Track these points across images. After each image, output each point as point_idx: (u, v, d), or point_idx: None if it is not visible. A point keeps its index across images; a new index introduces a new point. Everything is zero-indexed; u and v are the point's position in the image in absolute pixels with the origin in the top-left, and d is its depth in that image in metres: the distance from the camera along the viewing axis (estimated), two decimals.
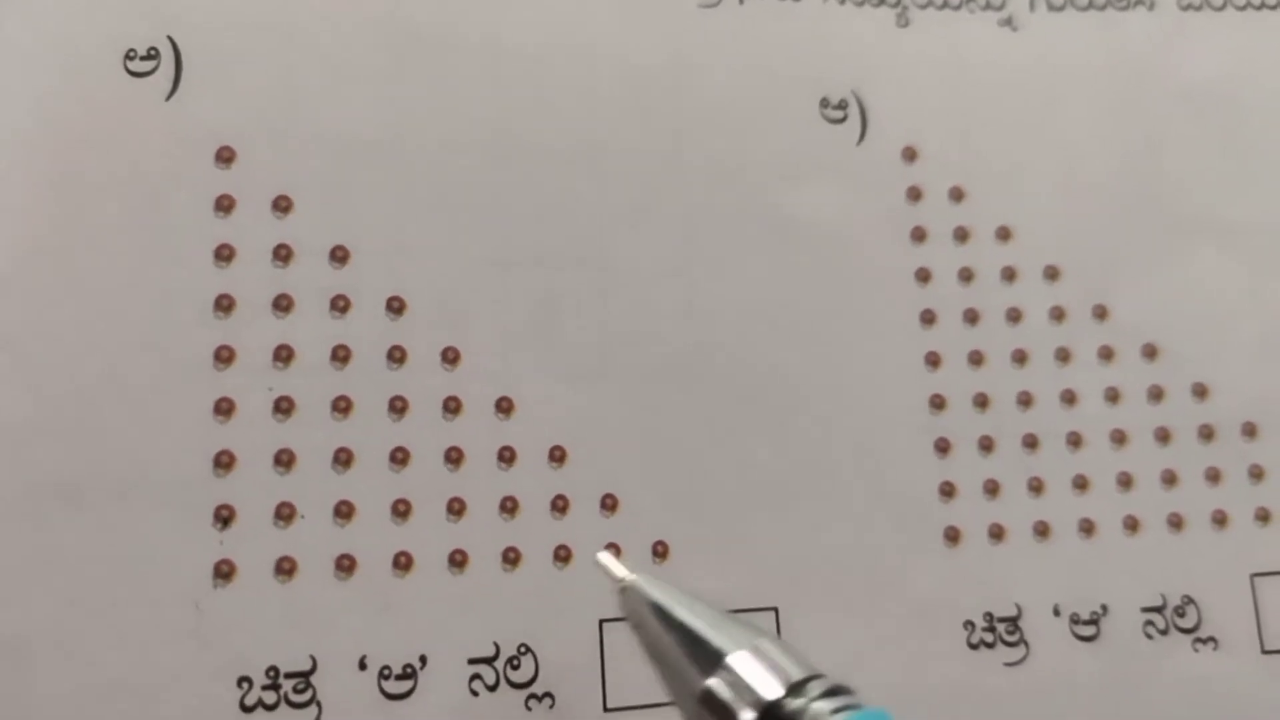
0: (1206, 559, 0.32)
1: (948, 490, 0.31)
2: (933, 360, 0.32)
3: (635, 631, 0.23)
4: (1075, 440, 0.33)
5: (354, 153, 0.29)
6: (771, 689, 0.19)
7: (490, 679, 0.27)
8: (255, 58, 0.29)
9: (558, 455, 0.29)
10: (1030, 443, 0.32)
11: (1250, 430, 0.34)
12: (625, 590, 0.24)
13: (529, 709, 0.28)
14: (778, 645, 0.20)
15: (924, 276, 0.33)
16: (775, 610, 0.29)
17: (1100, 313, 0.34)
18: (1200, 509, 0.33)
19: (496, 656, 0.28)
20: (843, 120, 0.33)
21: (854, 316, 0.32)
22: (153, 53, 0.29)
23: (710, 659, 0.20)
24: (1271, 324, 0.35)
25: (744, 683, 0.19)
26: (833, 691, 0.19)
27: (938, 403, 0.32)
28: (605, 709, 0.28)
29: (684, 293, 0.31)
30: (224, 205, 0.29)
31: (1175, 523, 0.33)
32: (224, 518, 0.27)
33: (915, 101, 0.34)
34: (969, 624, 0.31)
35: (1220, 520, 0.33)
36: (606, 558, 0.24)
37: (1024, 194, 0.34)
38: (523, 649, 0.28)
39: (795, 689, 0.19)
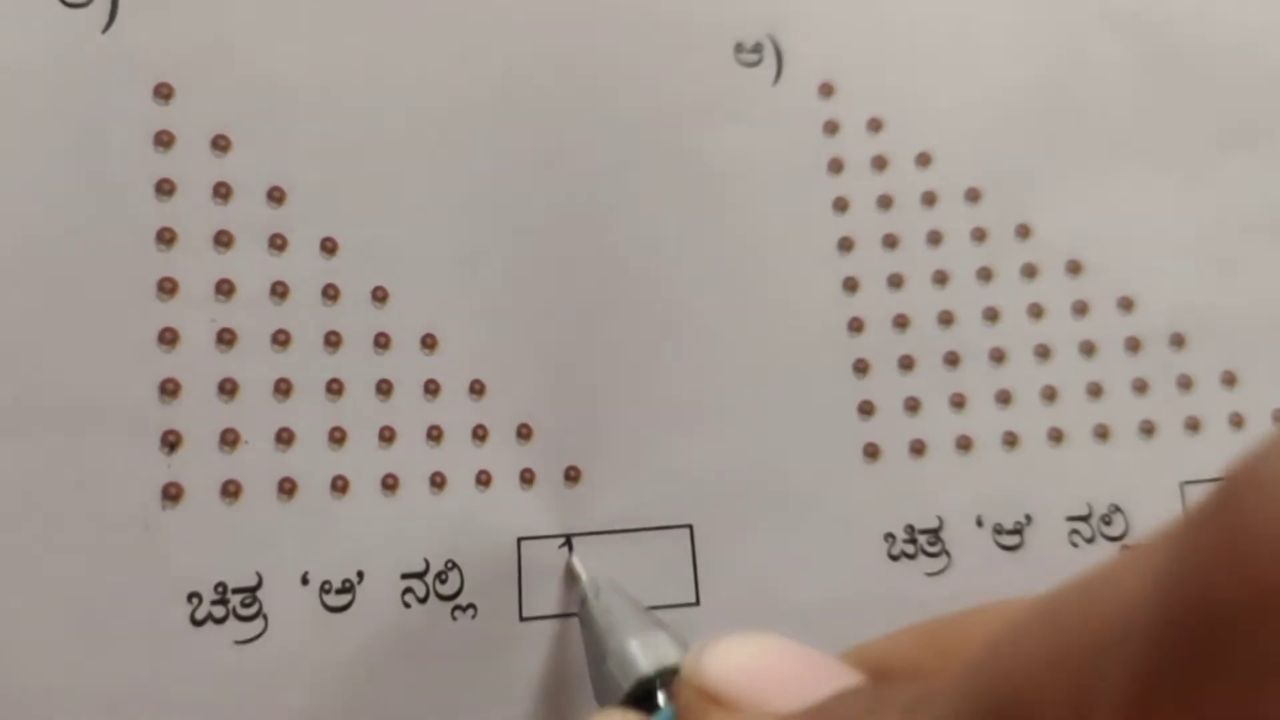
0: (1134, 468, 0.32)
1: (866, 409, 0.32)
2: (850, 285, 0.32)
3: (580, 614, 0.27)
4: (998, 356, 0.33)
5: (290, 95, 0.30)
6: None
7: (421, 592, 0.29)
8: None
9: (477, 388, 0.30)
10: (952, 360, 0.32)
11: (1178, 340, 0.33)
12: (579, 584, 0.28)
13: (454, 619, 0.29)
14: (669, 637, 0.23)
15: (841, 205, 0.33)
16: (690, 527, 0.30)
17: (1023, 231, 0.33)
18: (1128, 419, 0.32)
19: (426, 572, 0.29)
20: (757, 64, 0.33)
21: (768, 247, 0.32)
22: None
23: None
24: (1197, 235, 0.34)
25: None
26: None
27: (856, 326, 0.32)
28: (521, 618, 0.29)
29: (597, 235, 0.32)
30: (164, 141, 0.29)
31: (1101, 434, 0.32)
32: (171, 443, 0.28)
33: (832, 37, 0.34)
34: (889, 536, 0.31)
35: (1148, 430, 0.32)
36: (578, 562, 0.29)
37: (944, 118, 0.34)
38: (449, 564, 0.29)
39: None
